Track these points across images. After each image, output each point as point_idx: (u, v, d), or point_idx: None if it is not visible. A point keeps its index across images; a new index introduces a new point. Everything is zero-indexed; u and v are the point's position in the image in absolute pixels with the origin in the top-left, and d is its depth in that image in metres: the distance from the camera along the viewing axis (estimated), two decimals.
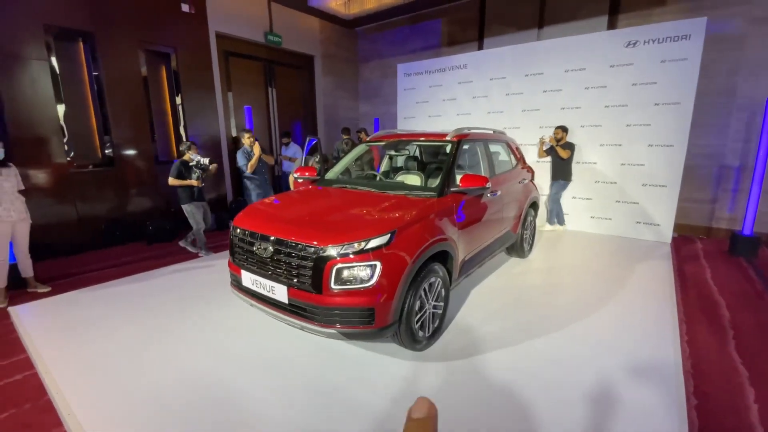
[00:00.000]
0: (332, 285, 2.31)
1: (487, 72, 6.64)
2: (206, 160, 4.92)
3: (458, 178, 3.14)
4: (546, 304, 3.56)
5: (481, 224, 3.47)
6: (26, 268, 4.02)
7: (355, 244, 2.33)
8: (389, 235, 2.40)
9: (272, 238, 2.53)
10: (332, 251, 2.31)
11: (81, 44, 5.55)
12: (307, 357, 2.73)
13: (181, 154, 4.98)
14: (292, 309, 2.47)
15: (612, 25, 6.39)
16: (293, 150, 7.33)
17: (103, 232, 5.84)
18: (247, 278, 2.71)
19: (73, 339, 3.02)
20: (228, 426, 2.08)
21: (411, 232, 2.53)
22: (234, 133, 7.83)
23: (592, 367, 2.56)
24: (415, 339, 2.62)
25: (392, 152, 4.22)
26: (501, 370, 2.53)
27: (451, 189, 3.09)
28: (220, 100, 7.23)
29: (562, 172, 5.84)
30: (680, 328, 3.11)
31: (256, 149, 5.44)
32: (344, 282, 2.32)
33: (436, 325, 2.85)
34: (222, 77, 7.30)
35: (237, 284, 2.90)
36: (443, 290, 2.87)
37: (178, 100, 6.72)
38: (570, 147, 5.70)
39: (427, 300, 2.71)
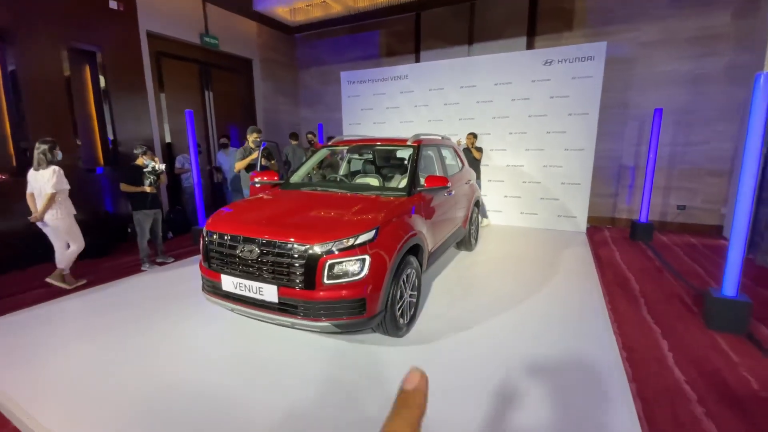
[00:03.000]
0: (325, 280, 2.45)
1: (427, 83, 7.14)
2: (162, 166, 4.68)
3: (422, 179, 3.45)
4: (499, 288, 4.02)
5: (443, 221, 3.82)
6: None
7: (344, 241, 2.49)
8: (374, 231, 2.60)
9: (258, 240, 2.58)
10: (324, 248, 2.45)
11: None
12: (291, 354, 2.80)
13: (134, 158, 4.67)
14: (281, 307, 2.54)
15: (530, 45, 7.29)
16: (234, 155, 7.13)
17: (21, 250, 5.15)
18: (229, 282, 2.70)
19: (26, 363, 2.72)
20: (230, 423, 2.10)
21: (391, 228, 2.76)
22: (168, 139, 7.36)
23: (545, 332, 3.03)
24: (397, 326, 2.84)
25: (355, 156, 4.41)
26: (471, 346, 2.86)
27: (418, 189, 3.39)
28: (153, 103, 6.78)
29: (475, 171, 6.46)
30: (605, 299, 3.75)
31: (255, 153, 5.28)
32: (336, 276, 2.47)
33: (412, 313, 3.10)
34: (154, 79, 6.85)
35: (214, 290, 2.86)
36: (417, 280, 3.14)
37: (105, 102, 6.18)
38: (480, 150, 6.37)
39: (405, 290, 2.95)
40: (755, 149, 3.06)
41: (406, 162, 4.89)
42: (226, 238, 2.73)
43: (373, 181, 4.10)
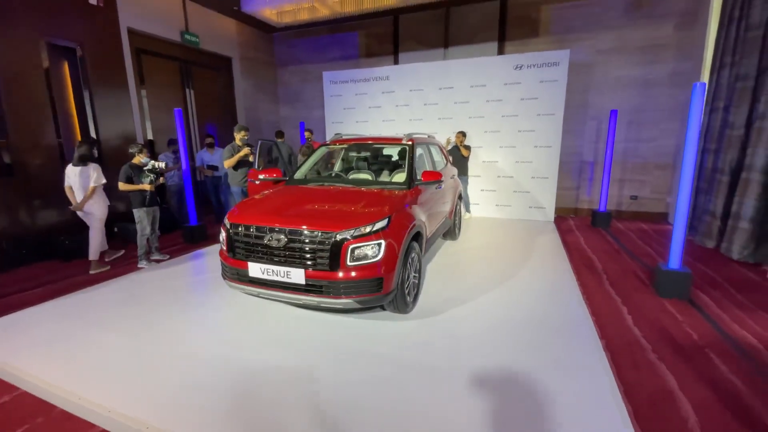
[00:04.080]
0: (348, 262, 2.80)
1: (408, 84, 7.56)
2: (162, 164, 4.77)
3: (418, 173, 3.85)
4: (484, 272, 4.51)
5: (435, 212, 4.24)
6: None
7: (362, 228, 2.86)
8: (387, 219, 2.98)
9: (285, 229, 2.89)
10: (347, 234, 2.80)
11: None
12: (310, 331, 3.12)
13: (130, 156, 4.75)
14: (308, 288, 2.87)
15: (501, 50, 7.87)
16: (219, 154, 7.19)
17: (4, 252, 5.08)
18: (256, 269, 2.99)
19: (59, 353, 2.87)
20: (282, 387, 2.41)
21: (399, 217, 3.15)
22: (150, 136, 7.34)
23: (527, 304, 3.55)
24: (405, 303, 3.23)
25: (353, 153, 4.74)
26: (467, 317, 3.31)
27: (416, 183, 3.79)
28: (135, 100, 6.75)
29: (462, 168, 6.97)
30: (575, 276, 4.33)
31: (245, 150, 5.52)
32: (357, 259, 2.83)
33: (415, 292, 3.51)
34: (135, 77, 6.82)
35: (238, 277, 3.13)
36: (418, 264, 3.55)
37: (87, 100, 6.12)
38: (469, 148, 6.90)
39: (410, 271, 3.34)
40: (693, 146, 3.70)
41: (394, 158, 5.29)
42: (252, 229, 3.01)
43: (365, 176, 4.46)
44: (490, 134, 7.21)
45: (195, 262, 5.15)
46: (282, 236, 2.88)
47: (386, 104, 7.80)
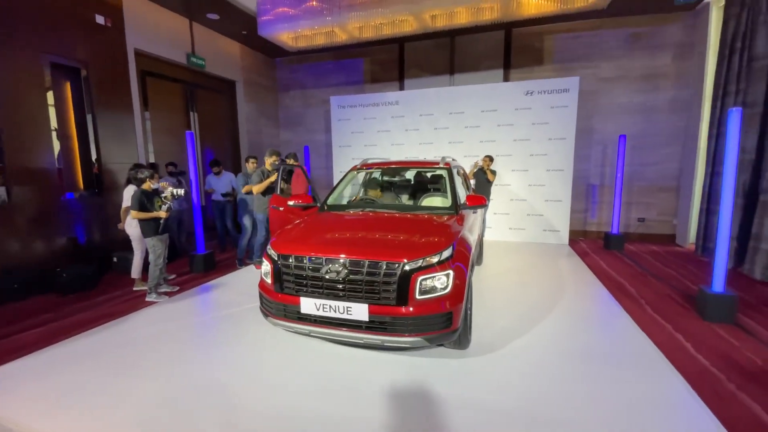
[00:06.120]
0: (417, 296, 2.59)
1: (417, 109, 7.58)
2: (182, 191, 4.47)
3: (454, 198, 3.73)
4: (525, 299, 4.36)
5: (474, 237, 4.11)
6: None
7: (430, 258, 2.67)
8: (452, 247, 2.81)
9: (345, 260, 2.67)
10: (415, 265, 2.61)
11: None
12: (371, 373, 2.86)
13: (140, 182, 4.43)
14: (371, 326, 2.63)
15: (506, 77, 8.05)
16: (227, 179, 6.92)
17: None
18: (310, 305, 2.74)
19: (83, 408, 2.49)
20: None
21: (460, 243, 2.99)
22: (152, 159, 7.00)
23: (584, 333, 3.41)
24: (467, 338, 3.03)
25: (385, 178, 4.61)
26: (528, 352, 3.13)
27: (461, 207, 3.66)
28: (139, 123, 6.46)
29: (486, 192, 6.98)
30: (616, 301, 4.24)
31: (274, 176, 5.30)
32: (425, 292, 2.63)
33: (470, 324, 3.31)
34: (140, 98, 6.55)
35: (285, 314, 2.87)
36: (471, 294, 3.37)
37: (89, 123, 5.80)
38: (495, 173, 6.91)
39: (469, 303, 3.16)
40: (731, 170, 3.74)
41: (410, 182, 5.14)
42: (305, 260, 2.78)
43: (407, 202, 4.32)
44: (502, 158, 7.25)
45: (210, 294, 4.80)
46: (341, 268, 2.66)
47: (395, 128, 7.78)
